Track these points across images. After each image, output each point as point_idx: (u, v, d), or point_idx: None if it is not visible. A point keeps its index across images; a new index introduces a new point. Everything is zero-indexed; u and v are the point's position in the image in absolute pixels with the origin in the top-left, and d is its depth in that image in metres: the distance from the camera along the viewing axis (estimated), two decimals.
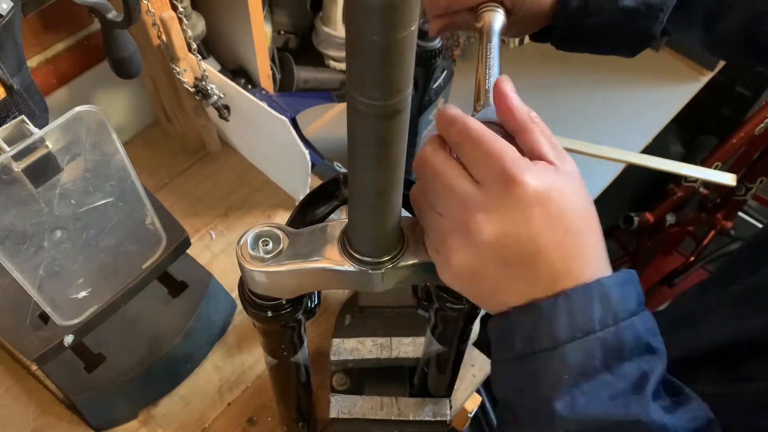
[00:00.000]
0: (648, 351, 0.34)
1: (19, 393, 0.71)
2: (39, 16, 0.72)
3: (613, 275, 0.34)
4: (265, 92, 0.87)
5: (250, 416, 0.73)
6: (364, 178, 0.33)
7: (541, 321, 0.33)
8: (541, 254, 0.33)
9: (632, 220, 1.47)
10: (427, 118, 0.83)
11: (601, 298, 0.33)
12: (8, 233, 0.48)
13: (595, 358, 0.33)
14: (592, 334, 0.33)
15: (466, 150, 0.34)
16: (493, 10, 0.57)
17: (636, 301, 0.34)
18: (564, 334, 0.33)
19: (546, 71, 1.09)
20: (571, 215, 0.34)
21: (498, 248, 0.33)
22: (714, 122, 1.71)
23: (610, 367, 0.33)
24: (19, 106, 0.51)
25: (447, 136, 0.36)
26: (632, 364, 0.33)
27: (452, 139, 0.35)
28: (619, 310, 0.33)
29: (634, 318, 0.34)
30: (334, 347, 0.68)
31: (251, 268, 0.39)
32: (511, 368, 0.36)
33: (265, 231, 0.40)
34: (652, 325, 0.35)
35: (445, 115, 0.36)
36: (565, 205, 0.34)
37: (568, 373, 0.33)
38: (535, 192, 0.32)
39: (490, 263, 0.34)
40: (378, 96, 0.27)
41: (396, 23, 0.24)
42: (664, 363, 0.34)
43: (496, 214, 0.33)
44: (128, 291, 0.59)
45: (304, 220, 0.44)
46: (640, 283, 0.36)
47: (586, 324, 0.33)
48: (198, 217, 0.87)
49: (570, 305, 0.33)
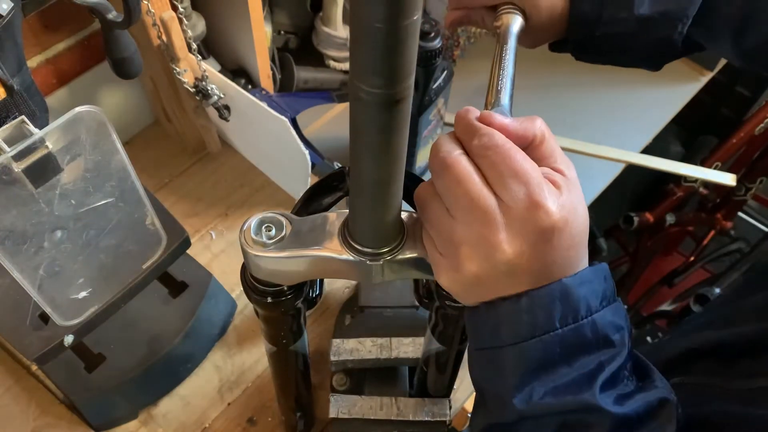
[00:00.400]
0: (607, 344, 0.36)
1: (19, 393, 0.71)
2: (39, 16, 0.72)
3: (575, 275, 0.36)
4: (265, 92, 0.87)
5: (250, 416, 0.73)
6: (365, 167, 0.33)
7: (505, 319, 0.36)
8: (548, 269, 0.35)
9: (632, 220, 1.47)
10: (427, 118, 0.83)
11: (562, 298, 0.35)
12: (8, 233, 0.48)
13: (554, 353, 0.35)
14: (552, 332, 0.35)
15: (490, 163, 0.35)
16: (512, 13, 0.57)
17: (600, 297, 0.36)
18: (525, 331, 0.35)
19: (546, 71, 1.09)
20: (581, 234, 0.36)
21: (512, 266, 0.35)
22: (714, 122, 1.72)
23: (568, 360, 0.35)
24: (19, 107, 0.51)
25: (469, 144, 0.36)
26: (591, 356, 0.35)
27: (476, 150, 0.35)
28: (580, 307, 0.35)
29: (596, 315, 0.36)
30: (334, 347, 0.68)
31: (254, 252, 0.40)
32: (480, 356, 0.39)
33: (269, 217, 0.41)
34: (617, 317, 0.37)
35: (469, 123, 0.36)
36: (578, 225, 0.35)
37: (527, 367, 0.36)
38: (557, 220, 0.34)
39: (500, 276, 0.36)
40: (380, 84, 0.27)
41: (399, 11, 0.24)
42: (623, 353, 0.36)
43: (518, 236, 0.34)
44: (128, 291, 0.59)
45: (308, 209, 0.45)
46: (610, 274, 0.38)
47: (546, 323, 0.35)
48: (198, 217, 0.87)
49: (531, 305, 0.35)
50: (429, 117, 0.83)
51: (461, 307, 0.46)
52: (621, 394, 0.36)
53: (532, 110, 1.11)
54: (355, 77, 0.28)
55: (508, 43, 0.54)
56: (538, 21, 0.60)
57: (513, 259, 0.34)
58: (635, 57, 0.64)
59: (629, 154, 1.00)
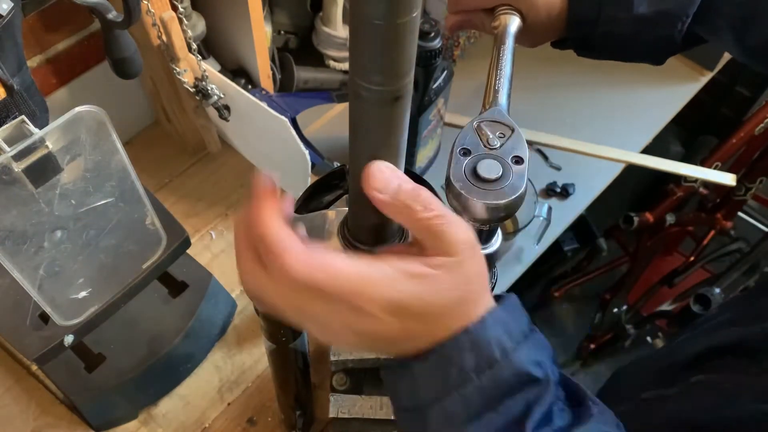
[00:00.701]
0: (531, 382, 0.34)
1: (19, 393, 0.71)
2: (39, 16, 0.72)
3: (482, 320, 0.33)
4: (265, 92, 0.87)
5: (250, 416, 0.73)
6: (364, 164, 0.33)
7: (419, 378, 0.34)
8: (405, 342, 0.34)
9: (632, 220, 1.47)
10: (427, 118, 0.83)
11: (472, 347, 0.33)
12: (8, 233, 0.48)
13: (476, 404, 0.33)
14: (469, 384, 0.33)
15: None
16: (509, 13, 0.57)
17: (513, 335, 0.34)
18: (441, 388, 0.33)
19: (546, 71, 1.08)
20: (433, 309, 0.33)
21: (353, 346, 0.34)
22: (714, 122, 1.71)
23: (493, 406, 0.33)
24: (19, 106, 0.51)
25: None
26: (516, 398, 0.33)
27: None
28: (494, 351, 0.33)
29: (513, 355, 0.33)
30: (334, 347, 0.68)
31: None
32: (404, 417, 0.37)
33: None
34: (536, 352, 0.35)
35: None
36: (426, 304, 0.33)
37: (451, 423, 0.34)
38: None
39: (373, 346, 0.35)
40: (379, 81, 0.27)
41: (398, 8, 0.25)
42: (549, 387, 0.34)
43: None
44: (128, 291, 0.59)
45: (308, 207, 0.45)
46: (521, 306, 0.36)
47: (460, 376, 0.33)
48: (198, 217, 0.87)
49: (441, 362, 0.33)
50: (429, 117, 0.83)
51: None
52: (557, 429, 0.34)
53: (533, 110, 1.11)
54: (354, 74, 0.28)
55: (505, 43, 0.54)
56: (537, 20, 0.60)
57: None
58: (636, 53, 0.64)
59: (629, 154, 1.00)
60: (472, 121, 0.43)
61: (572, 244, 1.57)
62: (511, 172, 0.40)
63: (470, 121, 0.43)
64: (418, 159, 0.89)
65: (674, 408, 0.52)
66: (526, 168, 0.40)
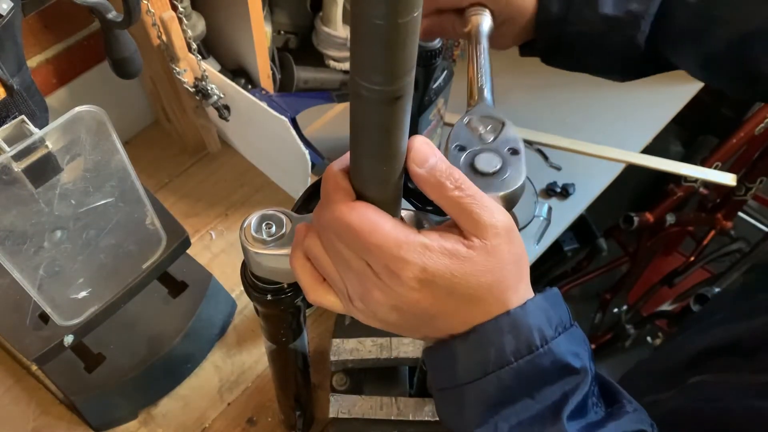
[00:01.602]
0: (569, 372, 0.34)
1: (19, 393, 0.71)
2: (39, 16, 0.72)
3: (524, 305, 0.34)
4: (265, 92, 0.87)
5: (250, 416, 0.73)
6: (364, 164, 0.33)
7: (459, 357, 0.35)
8: (437, 319, 0.35)
9: (632, 220, 1.47)
10: (427, 118, 0.83)
11: (512, 330, 0.34)
12: (8, 233, 0.48)
13: (512, 388, 0.34)
14: (507, 366, 0.34)
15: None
16: (479, 14, 0.58)
17: (554, 325, 0.35)
18: (479, 369, 0.34)
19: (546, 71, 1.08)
20: (462, 290, 0.34)
21: (393, 324, 0.35)
22: (714, 122, 1.71)
23: (530, 392, 0.34)
24: (19, 106, 0.51)
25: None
26: (554, 387, 0.34)
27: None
28: (534, 337, 0.34)
29: (552, 343, 0.34)
30: (334, 347, 0.68)
31: (254, 250, 0.40)
32: (442, 396, 0.38)
33: (270, 214, 0.41)
34: (575, 344, 0.35)
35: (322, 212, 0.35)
36: (455, 283, 0.33)
37: (487, 404, 0.35)
38: (420, 279, 0.33)
39: (420, 322, 0.35)
40: (380, 81, 0.27)
41: (399, 8, 0.24)
42: (587, 380, 0.35)
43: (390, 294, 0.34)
44: (128, 291, 0.59)
45: (309, 207, 0.45)
46: (562, 299, 0.37)
47: (499, 357, 0.34)
48: (198, 217, 0.87)
49: (481, 341, 0.34)
50: (429, 117, 0.83)
51: None
52: (591, 424, 0.34)
53: (533, 110, 1.11)
54: (355, 74, 0.28)
55: (480, 42, 0.54)
56: (508, 18, 0.60)
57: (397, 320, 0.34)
58: (602, 61, 0.64)
59: (629, 154, 1.00)
60: (461, 118, 0.43)
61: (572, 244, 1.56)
62: (508, 164, 0.40)
63: (460, 119, 0.43)
64: None
65: (671, 410, 0.52)
66: (523, 157, 0.40)
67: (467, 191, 0.33)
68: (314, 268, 0.37)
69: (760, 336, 0.49)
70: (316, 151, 0.86)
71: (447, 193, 0.33)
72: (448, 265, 0.33)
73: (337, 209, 0.33)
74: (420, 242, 0.33)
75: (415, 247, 0.32)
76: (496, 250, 0.33)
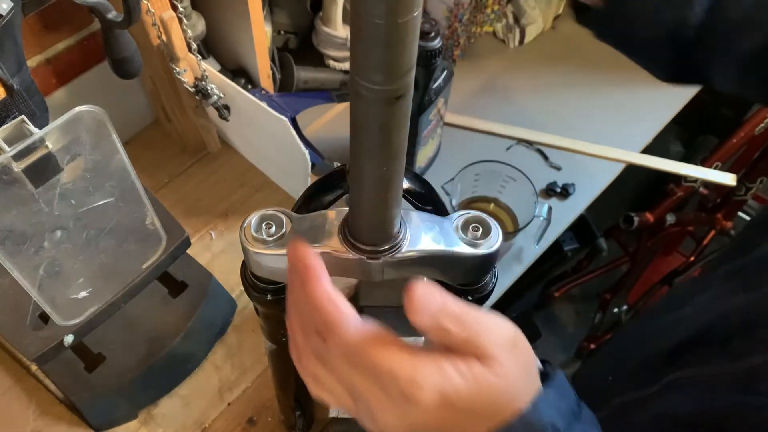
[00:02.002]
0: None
1: (19, 393, 0.71)
2: (39, 16, 0.72)
3: (534, 405, 0.34)
4: (265, 92, 0.87)
5: (250, 416, 0.73)
6: (364, 164, 0.33)
7: None
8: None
9: (632, 220, 1.47)
10: (427, 118, 0.83)
11: (527, 431, 0.34)
12: (8, 233, 0.48)
13: None
14: None
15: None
16: None
17: (565, 415, 0.35)
18: None
19: (546, 71, 1.09)
20: (480, 408, 0.34)
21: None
22: (714, 122, 1.71)
23: None
24: (19, 106, 0.51)
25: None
26: None
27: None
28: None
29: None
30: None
31: (254, 250, 0.40)
32: None
33: (270, 214, 0.41)
34: (588, 426, 0.36)
35: (323, 316, 0.34)
36: (473, 403, 0.33)
37: None
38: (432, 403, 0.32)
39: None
40: (379, 80, 0.27)
41: (399, 7, 0.24)
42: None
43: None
44: (128, 291, 0.59)
45: (309, 207, 0.45)
46: (567, 383, 0.37)
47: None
48: (198, 217, 0.87)
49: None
50: (429, 117, 0.83)
51: None
52: None
53: (533, 110, 1.11)
54: (355, 73, 0.28)
55: None
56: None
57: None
58: (653, 43, 0.62)
59: (629, 154, 0.99)
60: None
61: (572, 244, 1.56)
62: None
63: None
64: (418, 159, 0.89)
65: (654, 409, 0.52)
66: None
67: (470, 325, 0.33)
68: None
69: (732, 322, 0.49)
70: (316, 151, 0.86)
71: (453, 338, 0.33)
72: (465, 386, 0.33)
73: (343, 334, 0.33)
74: (436, 365, 0.32)
75: (431, 371, 0.32)
76: (508, 365, 0.34)
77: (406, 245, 0.39)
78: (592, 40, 0.66)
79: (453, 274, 0.43)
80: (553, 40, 1.13)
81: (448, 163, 0.93)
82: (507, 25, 1.11)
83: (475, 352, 0.33)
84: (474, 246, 0.40)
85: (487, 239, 0.41)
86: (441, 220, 0.41)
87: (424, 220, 0.41)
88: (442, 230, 0.41)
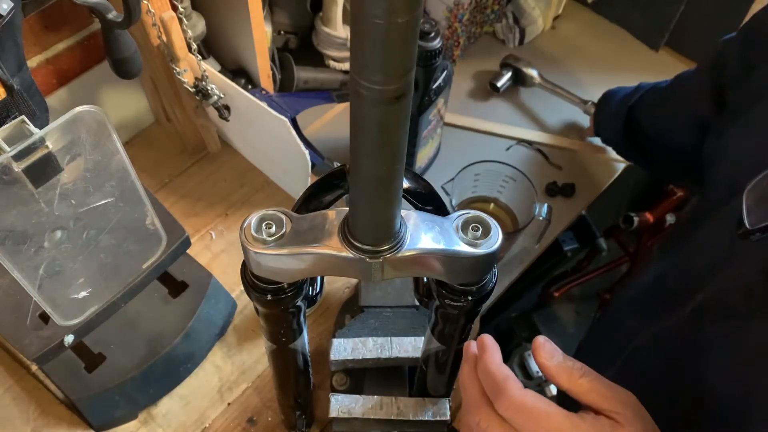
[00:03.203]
0: None
1: (19, 393, 0.71)
2: (39, 16, 0.72)
3: None
4: (265, 92, 0.87)
5: (250, 416, 0.73)
6: (365, 165, 0.33)
7: None
8: None
9: (632, 220, 1.47)
10: (427, 118, 0.83)
11: None
12: (8, 233, 0.48)
13: None
14: None
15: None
16: None
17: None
18: None
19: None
20: None
21: None
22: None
23: None
24: (19, 106, 0.51)
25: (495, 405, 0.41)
26: None
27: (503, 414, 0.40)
28: None
29: None
30: (334, 347, 0.68)
31: (254, 250, 0.40)
32: None
33: (270, 214, 0.41)
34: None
35: (491, 380, 0.41)
36: None
37: None
38: None
39: None
40: (379, 80, 0.27)
41: (399, 7, 0.24)
42: None
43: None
44: (128, 291, 0.59)
45: (309, 207, 0.45)
46: None
47: None
48: (198, 217, 0.88)
49: None
50: (429, 117, 0.83)
51: (461, 307, 0.46)
52: None
53: (533, 110, 1.10)
54: (355, 73, 0.28)
55: None
56: None
57: None
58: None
59: None
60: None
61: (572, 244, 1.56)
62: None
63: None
64: (418, 159, 0.89)
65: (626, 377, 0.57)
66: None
67: (591, 374, 0.40)
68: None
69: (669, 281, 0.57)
70: (316, 151, 0.86)
71: (576, 379, 0.40)
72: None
73: (508, 393, 0.39)
74: (588, 425, 0.38)
75: (579, 421, 0.38)
76: (638, 423, 0.39)
77: (406, 245, 0.39)
78: (592, 40, 0.66)
79: (453, 274, 0.43)
80: (553, 40, 1.14)
81: (448, 163, 0.93)
82: (507, 25, 1.11)
83: (607, 403, 0.40)
84: (474, 246, 0.40)
85: (487, 239, 0.41)
86: (441, 220, 0.41)
87: (424, 220, 0.41)
88: (442, 230, 0.41)
